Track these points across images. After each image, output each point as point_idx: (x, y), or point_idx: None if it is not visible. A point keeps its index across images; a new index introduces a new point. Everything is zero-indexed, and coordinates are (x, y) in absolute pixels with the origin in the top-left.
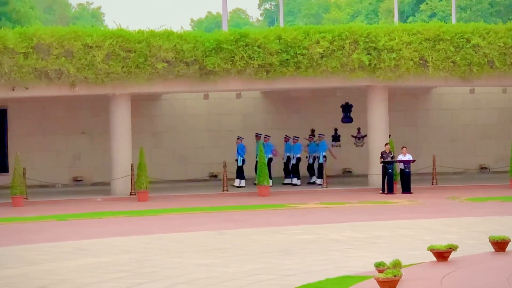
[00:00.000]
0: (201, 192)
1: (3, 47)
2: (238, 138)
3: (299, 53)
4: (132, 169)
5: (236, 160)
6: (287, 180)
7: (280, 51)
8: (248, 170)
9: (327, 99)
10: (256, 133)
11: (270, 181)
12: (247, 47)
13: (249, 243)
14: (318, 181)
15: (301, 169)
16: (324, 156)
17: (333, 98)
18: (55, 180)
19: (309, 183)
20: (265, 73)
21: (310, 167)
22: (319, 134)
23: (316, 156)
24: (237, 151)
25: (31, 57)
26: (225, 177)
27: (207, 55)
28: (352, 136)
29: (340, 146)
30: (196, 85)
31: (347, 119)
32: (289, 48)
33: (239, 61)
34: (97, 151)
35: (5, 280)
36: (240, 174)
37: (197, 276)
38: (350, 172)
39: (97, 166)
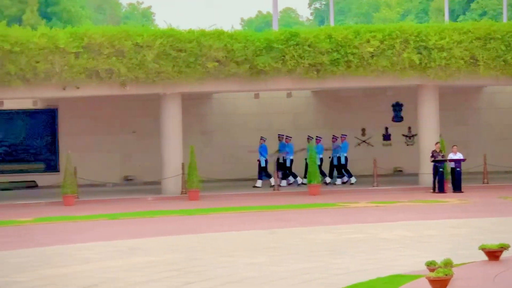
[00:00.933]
0: (252, 191)
1: (54, 47)
2: (261, 139)
3: (350, 52)
4: (182, 168)
5: (259, 161)
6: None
7: (330, 50)
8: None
9: (377, 98)
10: (278, 134)
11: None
12: (297, 46)
13: (299, 242)
14: (338, 181)
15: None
16: (346, 157)
17: (384, 97)
18: (106, 179)
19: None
20: (315, 72)
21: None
22: (342, 135)
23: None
24: (260, 151)
25: (82, 57)
26: (276, 177)
27: (257, 54)
28: (403, 135)
29: (390, 145)
30: (247, 84)
31: (397, 118)
32: (340, 47)
33: (290, 60)
34: (147, 150)
35: (56, 278)
36: (261, 174)
37: (247, 275)
38: (401, 171)
39: (148, 165)
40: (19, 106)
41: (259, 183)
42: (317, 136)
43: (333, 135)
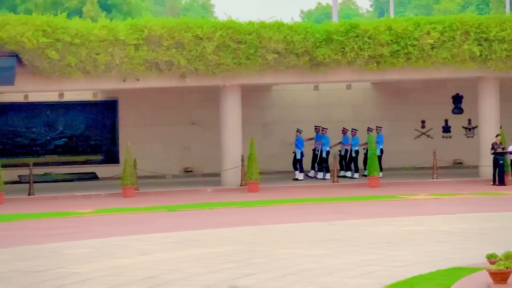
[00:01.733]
0: (311, 183)
1: (114, 39)
2: (297, 131)
3: (410, 44)
4: (242, 160)
5: (294, 153)
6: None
7: (390, 42)
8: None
9: (437, 90)
10: (315, 126)
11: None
12: (357, 38)
13: (358, 234)
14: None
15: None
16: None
17: (444, 89)
18: (166, 171)
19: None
20: (375, 64)
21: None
22: (377, 127)
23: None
24: (296, 144)
25: (142, 49)
26: (334, 168)
27: (317, 46)
28: (463, 127)
29: (450, 137)
30: (306, 76)
31: (457, 110)
32: (400, 39)
33: (349, 52)
34: (207, 142)
35: (116, 269)
36: (298, 166)
37: (306, 267)
38: (461, 163)
39: (207, 157)
40: (80, 98)
41: (300, 175)
42: (352, 129)
43: (368, 127)
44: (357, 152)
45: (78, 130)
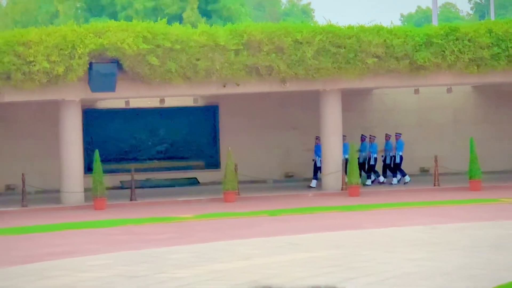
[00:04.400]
0: (412, 187)
1: (214, 44)
2: (316, 138)
3: (511, 46)
4: (343, 164)
5: (314, 160)
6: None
7: (491, 45)
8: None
9: None
10: (396, 133)
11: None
12: (457, 41)
13: (460, 237)
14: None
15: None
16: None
17: None
18: (267, 176)
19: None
20: (475, 67)
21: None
22: (396, 133)
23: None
24: (315, 151)
25: (242, 54)
26: (436, 172)
27: (417, 49)
28: None
29: None
30: (406, 80)
31: None
32: (501, 42)
33: (450, 55)
34: (307, 147)
35: (218, 274)
36: (316, 174)
37: (407, 271)
38: None
39: (308, 161)
40: (180, 104)
41: (313, 183)
42: (370, 135)
43: (386, 134)
44: (376, 159)
45: (179, 136)
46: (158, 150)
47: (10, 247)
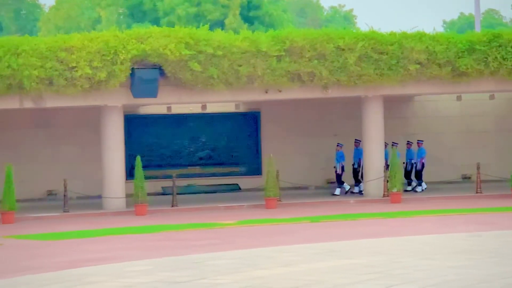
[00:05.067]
0: (454, 194)
1: (256, 51)
2: (337, 145)
3: None
4: (384, 170)
5: (335, 167)
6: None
7: None
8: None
9: None
10: (418, 140)
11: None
12: (500, 47)
13: (502, 245)
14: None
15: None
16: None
17: None
18: (308, 182)
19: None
20: None
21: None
22: (418, 141)
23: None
24: (336, 158)
25: (284, 60)
26: (478, 179)
27: (459, 56)
28: None
29: None
30: (449, 87)
31: None
32: None
33: (492, 62)
34: (349, 153)
35: (259, 280)
36: (340, 182)
37: (448, 279)
38: None
39: (350, 167)
40: (222, 110)
41: (338, 191)
42: (393, 142)
43: (408, 141)
44: (387, 166)
45: (221, 142)
46: (199, 156)
47: (51, 252)
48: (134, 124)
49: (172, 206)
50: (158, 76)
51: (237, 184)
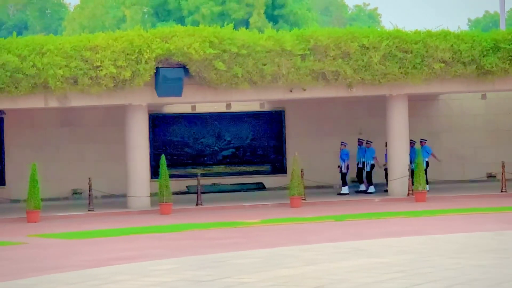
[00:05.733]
0: (479, 193)
1: (281, 49)
2: (341, 144)
3: None
4: (409, 169)
5: (339, 167)
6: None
7: None
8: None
9: None
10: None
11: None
12: None
13: None
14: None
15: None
16: (372, 164)
17: None
18: (333, 181)
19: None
20: None
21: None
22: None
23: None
24: (341, 157)
25: (308, 59)
26: (503, 177)
27: (484, 54)
28: None
29: None
30: (473, 85)
31: None
32: None
33: None
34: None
35: (284, 279)
36: (345, 181)
37: (474, 277)
38: None
39: (376, 167)
40: (247, 109)
41: (345, 189)
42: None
43: (410, 140)
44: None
45: (246, 141)
46: (224, 155)
47: (76, 251)
48: (158, 123)
49: (197, 205)
50: (182, 75)
51: (262, 183)
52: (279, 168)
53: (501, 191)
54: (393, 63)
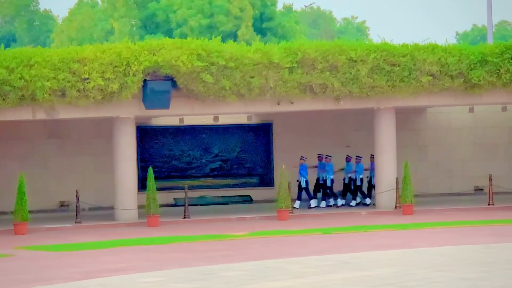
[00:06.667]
0: (466, 206)
1: (268, 62)
2: (301, 159)
3: None
4: (396, 182)
5: (298, 181)
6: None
7: None
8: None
9: None
10: (318, 154)
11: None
12: None
13: None
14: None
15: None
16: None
17: None
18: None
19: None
20: None
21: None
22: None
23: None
24: (300, 172)
25: (296, 72)
26: (490, 191)
27: (472, 68)
28: None
29: None
30: (461, 98)
31: None
32: None
33: (505, 73)
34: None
35: None
36: (300, 195)
37: None
38: None
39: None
40: (234, 121)
41: (297, 203)
42: (357, 156)
43: (371, 155)
44: (361, 180)
45: (233, 153)
46: (211, 168)
47: (63, 263)
48: (146, 135)
49: (184, 217)
50: (170, 88)
51: (249, 196)
52: (267, 180)
53: (488, 204)
54: (381, 76)
